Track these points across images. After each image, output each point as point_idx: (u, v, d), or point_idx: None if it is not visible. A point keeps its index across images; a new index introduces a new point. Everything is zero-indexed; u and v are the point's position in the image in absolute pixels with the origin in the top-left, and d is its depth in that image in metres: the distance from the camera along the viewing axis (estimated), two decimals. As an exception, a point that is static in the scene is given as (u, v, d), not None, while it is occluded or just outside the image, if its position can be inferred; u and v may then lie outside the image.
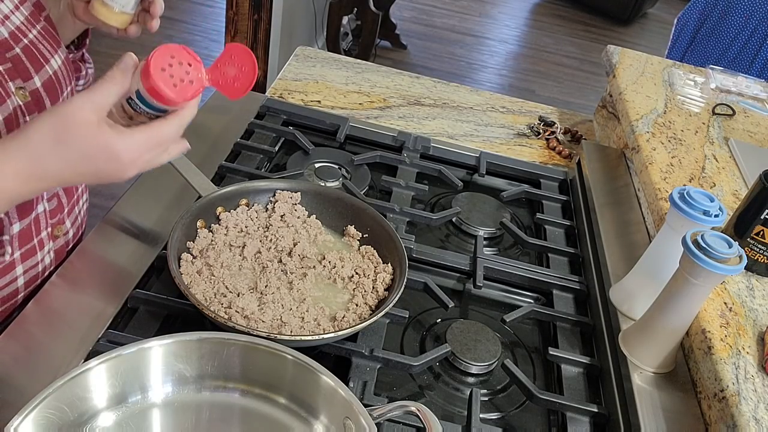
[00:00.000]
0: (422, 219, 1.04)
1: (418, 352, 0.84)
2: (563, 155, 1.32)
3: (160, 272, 0.85)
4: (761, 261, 0.88)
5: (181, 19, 3.74)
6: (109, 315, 0.77)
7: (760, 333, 0.80)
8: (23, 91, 0.69)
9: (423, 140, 1.22)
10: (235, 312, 0.74)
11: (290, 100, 1.31)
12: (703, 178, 1.08)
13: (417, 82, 1.49)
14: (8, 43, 0.68)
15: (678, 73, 1.47)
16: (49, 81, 0.73)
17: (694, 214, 0.77)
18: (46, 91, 0.72)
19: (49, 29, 0.75)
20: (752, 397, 0.71)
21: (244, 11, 2.37)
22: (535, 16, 5.13)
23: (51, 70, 0.73)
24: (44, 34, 0.74)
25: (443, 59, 4.07)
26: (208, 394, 0.65)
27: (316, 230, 0.90)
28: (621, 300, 0.88)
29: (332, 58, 1.51)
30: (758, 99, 1.43)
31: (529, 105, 1.50)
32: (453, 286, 0.97)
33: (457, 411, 0.78)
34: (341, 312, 0.79)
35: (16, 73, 0.68)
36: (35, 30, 0.72)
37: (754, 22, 2.04)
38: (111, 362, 0.60)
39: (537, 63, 4.30)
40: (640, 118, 1.23)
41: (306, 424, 0.64)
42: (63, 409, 0.56)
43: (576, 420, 0.77)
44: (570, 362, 0.84)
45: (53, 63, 0.74)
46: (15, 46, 0.69)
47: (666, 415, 0.75)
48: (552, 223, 1.10)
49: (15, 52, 0.68)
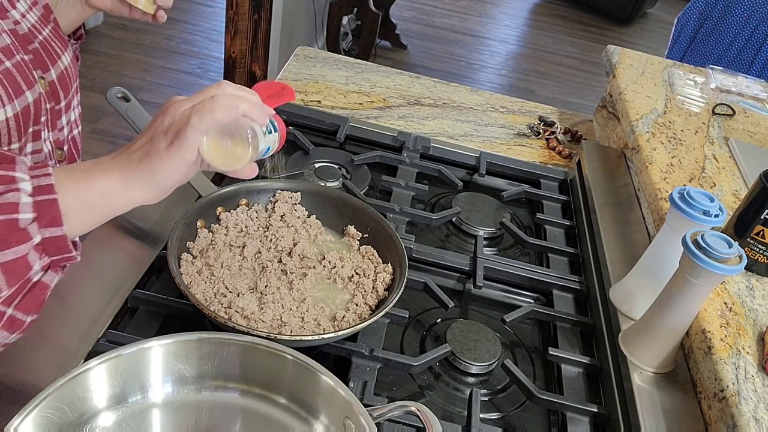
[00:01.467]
0: (422, 219, 1.04)
1: (418, 352, 0.84)
2: (563, 155, 1.32)
3: (160, 272, 0.85)
4: (761, 261, 0.88)
5: (181, 19, 3.74)
6: (109, 315, 0.77)
7: (760, 333, 0.80)
8: (43, 81, 0.73)
9: (423, 140, 1.22)
10: (235, 312, 0.74)
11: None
12: (703, 178, 1.08)
13: (417, 82, 1.49)
14: (29, 37, 0.72)
15: (678, 73, 1.47)
16: (61, 75, 0.77)
17: (694, 214, 0.77)
18: (59, 84, 0.76)
19: (58, 30, 0.79)
20: (752, 397, 0.71)
21: (244, 11, 2.37)
22: (535, 16, 5.13)
23: (62, 65, 0.77)
24: (54, 34, 0.78)
25: (443, 59, 4.07)
26: (208, 394, 0.65)
27: (316, 230, 0.90)
28: (621, 300, 0.88)
29: (332, 58, 1.51)
30: (758, 99, 1.43)
31: (529, 105, 1.50)
32: (453, 286, 0.97)
33: (457, 411, 0.78)
34: (341, 312, 0.79)
35: (37, 65, 0.72)
36: (47, 29, 0.77)
37: (754, 22, 2.04)
38: (111, 362, 0.60)
39: (537, 63, 4.30)
40: (640, 118, 1.23)
41: (306, 424, 0.64)
42: (63, 409, 0.56)
43: (576, 420, 0.77)
44: (570, 362, 0.84)
45: (64, 59, 0.78)
46: (34, 41, 0.73)
47: (666, 415, 0.75)
48: (552, 223, 1.10)
49: (35, 45, 0.73)
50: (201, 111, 0.58)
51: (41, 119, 0.72)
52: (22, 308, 0.56)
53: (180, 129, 0.57)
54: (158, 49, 3.41)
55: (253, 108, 0.61)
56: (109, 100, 0.93)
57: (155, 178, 0.58)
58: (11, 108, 0.66)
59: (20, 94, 0.67)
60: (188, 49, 3.48)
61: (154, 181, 0.58)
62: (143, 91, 3.03)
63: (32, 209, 0.53)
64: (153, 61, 3.30)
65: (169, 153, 0.57)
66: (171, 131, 0.58)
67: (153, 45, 3.43)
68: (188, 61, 3.37)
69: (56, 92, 0.76)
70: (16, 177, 0.54)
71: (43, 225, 0.54)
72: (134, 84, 3.04)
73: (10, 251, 0.52)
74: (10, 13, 0.70)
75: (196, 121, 0.57)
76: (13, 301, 0.55)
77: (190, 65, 3.35)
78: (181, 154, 0.57)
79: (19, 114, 0.67)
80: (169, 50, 3.43)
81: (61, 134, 0.80)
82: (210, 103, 0.58)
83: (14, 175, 0.54)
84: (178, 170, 0.58)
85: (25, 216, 0.53)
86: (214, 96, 0.59)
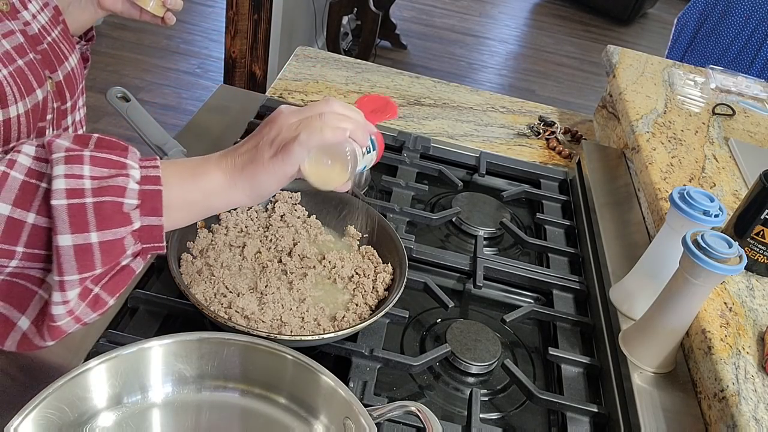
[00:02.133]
0: (422, 219, 1.04)
1: (418, 352, 0.84)
2: (563, 155, 1.32)
3: (160, 272, 0.85)
4: (761, 261, 0.88)
5: (181, 19, 3.74)
6: (109, 315, 0.77)
7: (760, 333, 0.80)
8: (51, 80, 0.74)
9: (423, 140, 1.22)
10: (235, 312, 0.74)
11: (290, 100, 1.31)
12: (703, 178, 1.08)
13: (417, 82, 1.49)
14: (38, 38, 0.73)
15: (678, 73, 1.47)
16: (68, 76, 0.78)
17: (694, 214, 0.77)
18: (66, 84, 0.77)
19: (66, 32, 0.80)
20: (752, 397, 0.71)
21: (244, 11, 2.37)
22: (535, 16, 5.13)
23: (69, 66, 0.78)
24: (63, 36, 0.79)
25: (443, 59, 4.07)
26: (208, 394, 0.65)
27: (316, 230, 0.90)
28: (621, 300, 0.88)
29: (332, 58, 1.51)
30: (758, 99, 1.43)
31: (529, 105, 1.50)
32: (453, 286, 0.97)
33: (457, 411, 0.78)
34: (341, 312, 0.79)
35: (45, 64, 0.73)
36: (56, 31, 0.78)
37: (754, 22, 2.04)
38: (111, 362, 0.60)
39: (537, 63, 4.30)
40: (640, 118, 1.23)
41: (306, 424, 0.64)
42: (63, 409, 0.56)
43: (576, 420, 0.77)
44: (570, 362, 0.84)
45: (71, 61, 0.79)
46: (43, 42, 0.74)
47: (666, 415, 0.75)
48: (552, 223, 1.10)
49: (43, 46, 0.74)
50: (309, 128, 0.59)
51: (47, 117, 0.73)
52: (108, 288, 0.58)
53: (286, 142, 0.59)
54: (158, 49, 3.41)
55: (357, 129, 0.62)
56: (109, 100, 0.94)
57: (255, 186, 0.60)
58: (23, 105, 0.67)
59: (31, 92, 0.68)
60: (188, 49, 3.48)
61: (254, 188, 0.61)
62: (143, 91, 3.03)
63: (137, 196, 0.55)
64: (153, 61, 3.30)
65: (273, 164, 0.59)
66: (277, 142, 0.60)
67: (153, 45, 3.43)
68: (188, 61, 3.37)
69: (63, 92, 0.77)
70: (127, 163, 0.56)
71: (144, 213, 0.56)
72: (134, 84, 3.05)
73: (110, 231, 0.54)
74: (21, 14, 0.71)
75: (304, 138, 0.59)
76: (101, 281, 0.57)
77: (190, 65, 3.35)
78: (284, 167, 0.59)
79: (30, 111, 0.68)
80: (169, 50, 3.43)
81: (65, 134, 0.80)
82: (318, 121, 0.60)
83: (126, 162, 0.56)
84: (278, 181, 0.60)
85: (129, 201, 0.55)
86: (322, 114, 0.60)
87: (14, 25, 0.69)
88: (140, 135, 0.93)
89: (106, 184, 0.54)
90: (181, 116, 2.93)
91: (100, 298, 0.57)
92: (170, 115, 2.93)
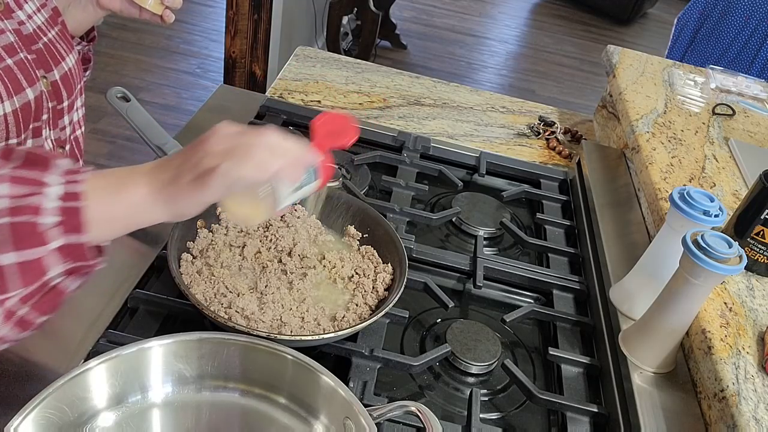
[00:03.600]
0: (422, 219, 1.04)
1: (418, 352, 0.84)
2: (563, 155, 1.32)
3: (160, 272, 0.85)
4: (761, 261, 0.88)
5: (181, 19, 3.74)
6: (109, 315, 0.77)
7: (760, 333, 0.80)
8: (46, 80, 0.74)
9: (423, 140, 1.22)
10: (235, 312, 0.74)
11: (290, 100, 1.31)
12: (703, 178, 1.08)
13: (417, 82, 1.49)
14: (33, 38, 0.73)
15: (678, 73, 1.47)
16: (65, 76, 0.78)
17: (694, 214, 0.77)
18: (62, 84, 0.77)
19: (64, 32, 0.80)
20: (752, 397, 0.71)
21: (244, 11, 2.37)
22: (535, 16, 5.13)
23: (66, 66, 0.78)
24: (60, 36, 0.79)
25: (443, 59, 4.07)
26: (208, 394, 0.65)
27: (316, 230, 0.90)
28: (621, 300, 0.88)
29: (332, 58, 1.51)
30: (758, 99, 1.43)
31: (529, 105, 1.50)
32: (453, 286, 0.97)
33: (457, 411, 0.78)
34: (341, 312, 0.79)
35: (40, 64, 0.73)
36: (53, 31, 0.78)
37: (754, 22, 2.04)
38: (111, 362, 0.60)
39: (537, 63, 4.30)
40: (640, 118, 1.23)
41: (306, 424, 0.64)
42: (63, 409, 0.56)
43: (576, 420, 0.77)
44: (570, 362, 0.84)
45: (68, 61, 0.79)
46: (38, 42, 0.74)
47: (666, 415, 0.75)
48: (552, 223, 1.10)
49: (38, 46, 0.74)
50: (232, 160, 0.56)
51: (42, 117, 0.73)
52: (39, 308, 0.56)
53: (207, 171, 0.56)
54: (158, 49, 3.41)
55: (288, 168, 0.59)
56: (109, 100, 0.94)
57: (173, 207, 0.58)
58: (10, 104, 0.67)
59: (20, 91, 0.68)
60: (188, 49, 3.48)
61: (173, 209, 0.58)
62: (143, 91, 3.03)
63: (59, 213, 0.53)
64: (153, 61, 3.30)
65: (191, 190, 0.57)
66: (198, 168, 0.57)
67: (153, 45, 3.43)
68: (188, 61, 3.37)
69: (59, 92, 0.77)
70: (44, 182, 0.54)
71: (67, 230, 0.54)
72: (134, 84, 3.04)
73: (27, 252, 0.53)
74: (16, 14, 0.72)
75: (224, 170, 0.56)
76: (29, 301, 0.55)
77: (190, 65, 3.35)
78: (201, 196, 0.57)
79: (19, 110, 0.68)
80: (169, 50, 3.43)
81: (62, 133, 0.80)
82: (244, 153, 0.56)
83: (43, 180, 0.54)
84: (196, 206, 0.58)
85: (45, 220, 0.53)
86: (251, 145, 0.57)
87: (7, 24, 0.69)
88: (140, 135, 0.93)
89: (22, 203, 0.52)
90: (181, 116, 2.93)
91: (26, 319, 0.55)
92: (170, 115, 2.93)
